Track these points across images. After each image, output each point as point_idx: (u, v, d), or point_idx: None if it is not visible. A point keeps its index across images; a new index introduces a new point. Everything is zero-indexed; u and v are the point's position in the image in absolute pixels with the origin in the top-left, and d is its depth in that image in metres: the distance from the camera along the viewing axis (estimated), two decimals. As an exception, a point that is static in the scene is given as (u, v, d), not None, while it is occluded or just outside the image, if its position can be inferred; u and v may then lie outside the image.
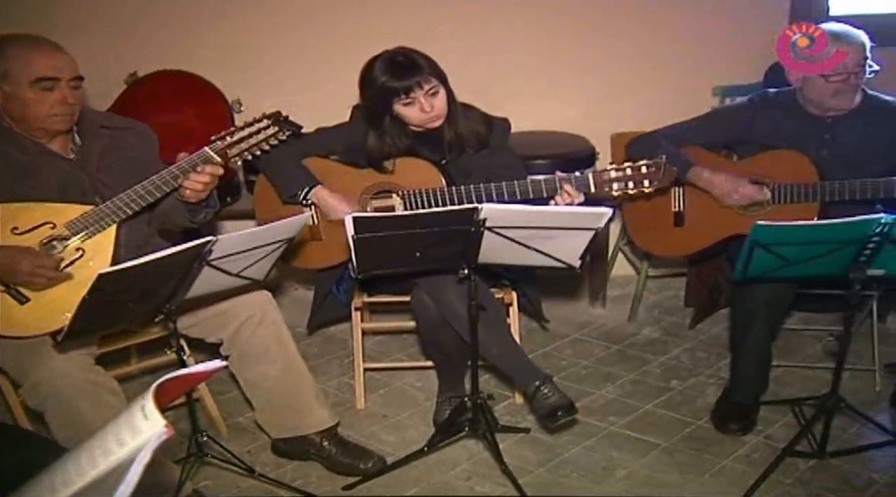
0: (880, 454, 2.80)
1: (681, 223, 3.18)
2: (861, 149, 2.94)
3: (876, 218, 2.26)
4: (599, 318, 3.93)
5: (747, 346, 2.95)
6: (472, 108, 2.95)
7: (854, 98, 2.95)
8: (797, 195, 2.92)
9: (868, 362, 3.27)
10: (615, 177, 2.65)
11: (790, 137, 2.99)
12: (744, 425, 2.96)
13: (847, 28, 2.89)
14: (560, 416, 2.63)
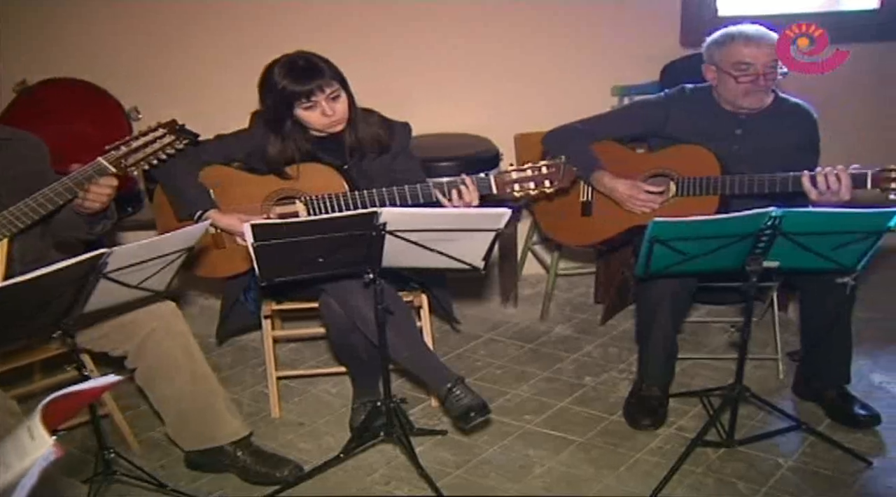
0: (785, 439, 2.87)
1: (588, 213, 3.23)
2: (768, 147, 3.01)
3: (766, 212, 2.33)
4: (512, 317, 3.94)
5: (653, 340, 3.01)
6: (372, 113, 2.94)
7: (765, 98, 3.02)
8: (699, 188, 2.98)
9: (771, 351, 3.37)
10: (516, 178, 2.68)
11: (703, 132, 3.05)
12: (655, 420, 3.00)
13: (760, 29, 2.97)
14: (473, 417, 2.63)
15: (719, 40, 3.00)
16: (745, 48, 2.92)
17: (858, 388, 3.12)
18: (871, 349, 3.48)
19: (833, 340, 2.94)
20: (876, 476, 2.68)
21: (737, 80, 2.94)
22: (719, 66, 2.98)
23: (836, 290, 2.76)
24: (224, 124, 2.96)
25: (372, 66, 3.65)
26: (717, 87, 3.04)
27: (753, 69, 2.91)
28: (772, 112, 3.04)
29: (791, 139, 3.02)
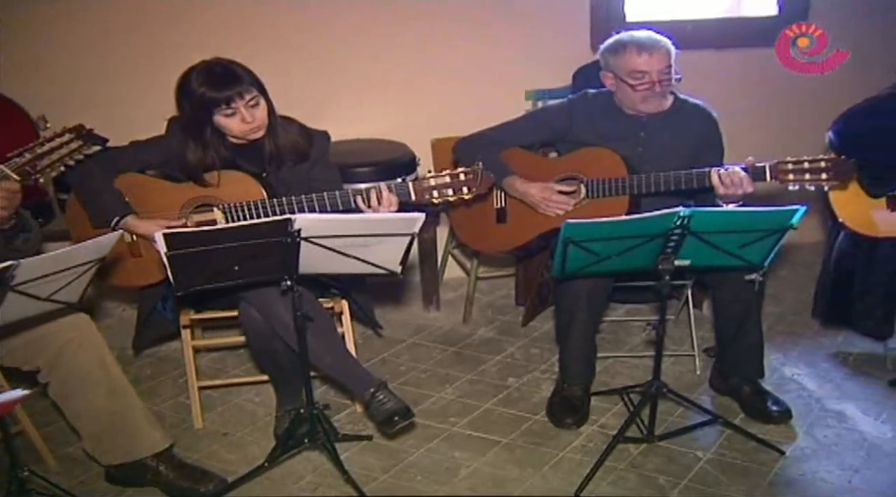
0: (703, 433, 2.94)
1: (503, 220, 3.26)
2: (672, 147, 3.09)
3: (675, 212, 2.39)
4: (435, 321, 3.96)
5: (572, 340, 3.05)
6: (291, 121, 2.93)
7: (663, 102, 3.09)
8: (609, 189, 3.03)
9: (688, 348, 3.46)
10: (435, 184, 2.70)
11: (608, 135, 3.10)
12: (577, 419, 3.04)
13: (652, 36, 3.02)
14: (397, 421, 2.63)
15: (613, 48, 3.03)
16: (639, 57, 2.96)
17: (771, 381, 3.23)
18: (782, 343, 3.60)
19: (745, 336, 3.02)
20: (789, 464, 2.77)
21: (634, 88, 2.99)
22: (616, 73, 3.03)
23: (745, 286, 2.86)
24: (136, 131, 2.91)
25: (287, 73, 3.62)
26: (617, 93, 3.09)
27: (649, 77, 2.96)
28: (672, 113, 3.11)
29: (693, 139, 3.10)
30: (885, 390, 3.19)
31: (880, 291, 3.15)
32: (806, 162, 2.77)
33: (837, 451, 2.83)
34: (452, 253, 4.09)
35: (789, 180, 2.79)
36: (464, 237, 3.44)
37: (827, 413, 3.06)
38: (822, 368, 3.39)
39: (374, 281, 3.00)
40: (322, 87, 4.02)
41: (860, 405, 3.10)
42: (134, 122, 3.01)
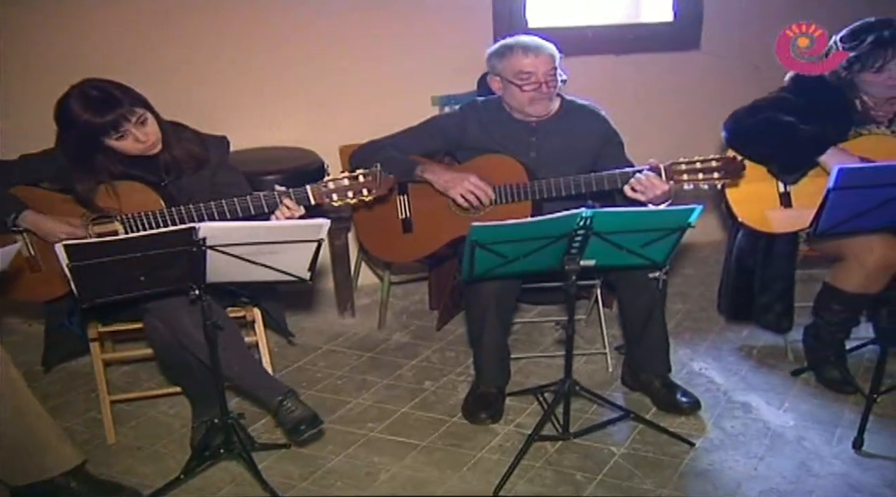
0: (616, 429, 3.01)
1: (409, 229, 3.28)
2: (565, 149, 3.15)
3: (578, 213, 2.44)
4: (350, 327, 3.96)
5: (485, 342, 3.09)
6: (184, 127, 2.89)
7: (550, 105, 3.15)
8: (512, 195, 3.07)
9: (600, 346, 3.53)
10: (334, 188, 2.71)
11: (500, 141, 3.16)
12: (492, 413, 3.09)
13: (536, 39, 3.09)
14: (304, 430, 2.63)
15: (499, 52, 3.10)
16: (525, 58, 3.03)
17: (680, 376, 3.33)
18: (690, 339, 3.71)
19: (651, 333, 3.11)
20: (698, 455, 2.86)
21: (521, 89, 3.05)
22: (503, 76, 3.09)
23: (649, 284, 2.95)
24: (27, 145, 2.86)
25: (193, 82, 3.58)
26: (505, 96, 3.15)
27: (535, 78, 3.03)
28: (561, 116, 3.18)
29: (587, 139, 3.17)
30: (787, 381, 3.32)
31: (779, 286, 3.26)
32: (698, 162, 2.86)
33: (744, 441, 2.93)
34: (365, 259, 4.09)
35: (684, 180, 2.87)
36: (371, 248, 3.45)
37: (733, 405, 3.17)
38: (728, 362, 3.50)
39: (288, 288, 2.99)
40: (228, 95, 3.99)
41: (764, 396, 3.22)
42: (19, 135, 2.93)
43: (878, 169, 2.60)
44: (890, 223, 2.72)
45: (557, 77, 3.08)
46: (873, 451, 2.83)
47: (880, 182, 2.53)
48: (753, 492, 2.66)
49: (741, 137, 3.16)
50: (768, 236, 3.22)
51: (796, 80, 3.21)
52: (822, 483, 2.68)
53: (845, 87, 3.15)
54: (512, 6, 4.25)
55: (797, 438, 2.93)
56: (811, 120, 3.12)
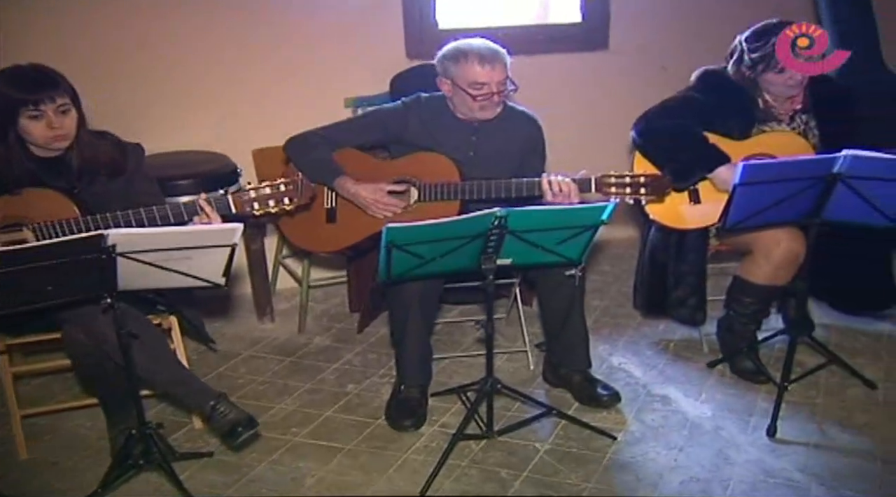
0: (540, 425, 3.04)
1: (333, 219, 3.27)
2: (501, 152, 3.19)
3: (492, 212, 2.47)
4: (270, 332, 3.92)
5: (407, 343, 3.10)
6: (104, 135, 2.84)
7: (498, 111, 3.17)
8: (441, 194, 3.09)
9: (521, 344, 3.56)
10: (255, 196, 2.68)
11: (440, 139, 3.17)
12: (415, 420, 3.09)
13: (492, 47, 3.08)
14: (241, 432, 2.60)
15: (453, 56, 3.08)
16: (481, 68, 3.02)
17: (600, 371, 3.38)
18: (608, 335, 3.78)
19: (571, 329, 3.15)
20: (621, 448, 2.91)
21: (474, 98, 3.06)
22: (454, 82, 3.09)
23: (566, 282, 2.99)
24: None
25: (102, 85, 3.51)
26: (453, 99, 3.16)
27: (488, 88, 3.04)
28: (503, 120, 3.20)
29: (520, 145, 3.21)
30: (703, 373, 3.40)
31: (691, 280, 3.34)
32: (627, 177, 2.91)
33: (664, 433, 2.99)
34: (283, 262, 4.06)
35: (612, 193, 2.92)
36: (293, 237, 3.41)
37: (653, 398, 3.24)
38: (646, 356, 3.58)
39: (206, 295, 2.95)
40: (138, 98, 3.92)
41: (682, 388, 3.30)
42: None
43: (781, 164, 2.69)
44: (794, 217, 2.81)
45: (509, 86, 3.09)
46: (786, 437, 2.92)
47: (783, 177, 2.62)
48: (675, 482, 2.72)
49: (647, 139, 3.24)
50: (680, 232, 3.30)
51: (703, 78, 3.30)
52: (738, 470, 2.76)
53: (748, 86, 3.25)
54: (422, 8, 4.28)
55: (714, 428, 3.01)
56: (718, 117, 3.21)
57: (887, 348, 3.53)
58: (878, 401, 3.14)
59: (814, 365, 3.30)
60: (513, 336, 3.69)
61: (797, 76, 3.12)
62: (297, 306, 3.96)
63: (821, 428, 2.97)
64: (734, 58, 3.25)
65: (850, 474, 2.71)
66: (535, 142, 3.25)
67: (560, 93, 4.52)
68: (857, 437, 2.91)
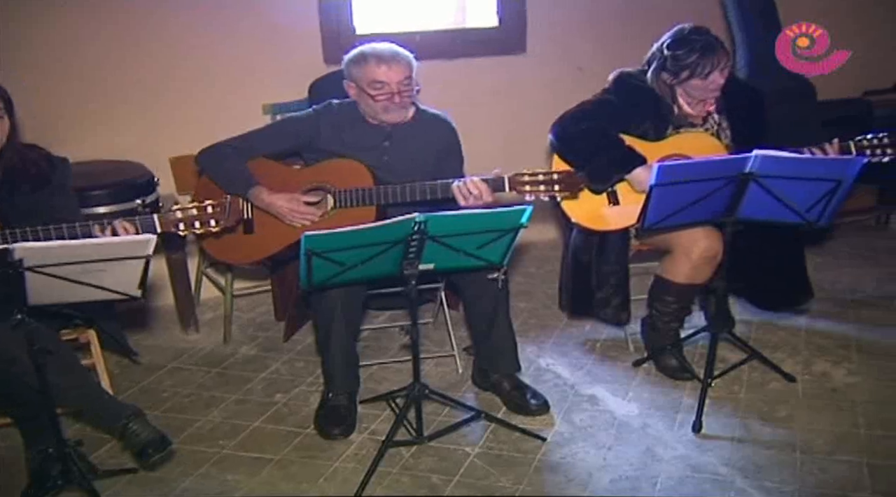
0: (470, 429, 3.05)
1: (250, 230, 3.24)
2: (415, 156, 3.20)
3: (411, 218, 2.47)
4: (195, 343, 3.86)
5: (332, 351, 3.08)
6: (33, 147, 2.79)
7: (405, 113, 3.18)
8: (356, 199, 3.08)
9: (449, 348, 3.56)
10: (181, 217, 2.65)
11: (353, 145, 3.16)
12: (344, 428, 3.07)
13: (393, 48, 3.12)
14: (152, 453, 2.57)
15: (355, 59, 3.12)
16: (379, 68, 3.06)
17: (529, 373, 3.42)
18: (536, 336, 3.81)
19: (497, 333, 3.16)
20: (550, 449, 2.93)
21: (374, 98, 3.08)
22: (357, 83, 3.12)
23: (490, 285, 3.00)
24: None
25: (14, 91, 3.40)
26: (359, 102, 3.17)
27: (388, 88, 3.07)
28: (415, 124, 3.22)
29: (435, 148, 3.23)
30: (630, 371, 3.45)
31: (614, 281, 3.38)
32: (540, 175, 2.92)
33: (592, 432, 3.02)
34: (206, 272, 4.00)
35: (526, 191, 2.93)
36: (211, 250, 3.37)
37: (581, 398, 3.27)
38: (573, 357, 3.61)
39: (127, 307, 2.89)
40: (52, 105, 3.83)
41: (609, 387, 3.34)
42: None
43: (695, 165, 2.74)
44: (710, 216, 2.87)
45: (413, 87, 3.11)
46: (711, 432, 2.98)
47: (698, 177, 2.66)
48: (604, 480, 2.75)
49: (565, 142, 3.27)
50: (601, 233, 3.34)
51: (618, 81, 3.34)
52: (665, 467, 2.80)
53: (665, 94, 3.27)
54: (339, 13, 4.26)
55: (642, 426, 3.05)
56: (633, 120, 3.26)
57: (805, 342, 3.63)
58: (797, 393, 3.22)
59: (736, 361, 3.37)
60: (441, 340, 3.69)
61: (719, 80, 3.16)
62: (222, 316, 3.90)
63: (744, 422, 3.04)
64: (654, 65, 3.25)
65: (771, 466, 2.77)
66: (451, 144, 3.26)
67: (479, 97, 4.56)
68: (778, 430, 2.98)
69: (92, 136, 3.90)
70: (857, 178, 2.66)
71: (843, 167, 2.63)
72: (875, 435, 2.92)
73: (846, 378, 3.31)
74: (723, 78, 3.16)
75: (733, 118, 3.35)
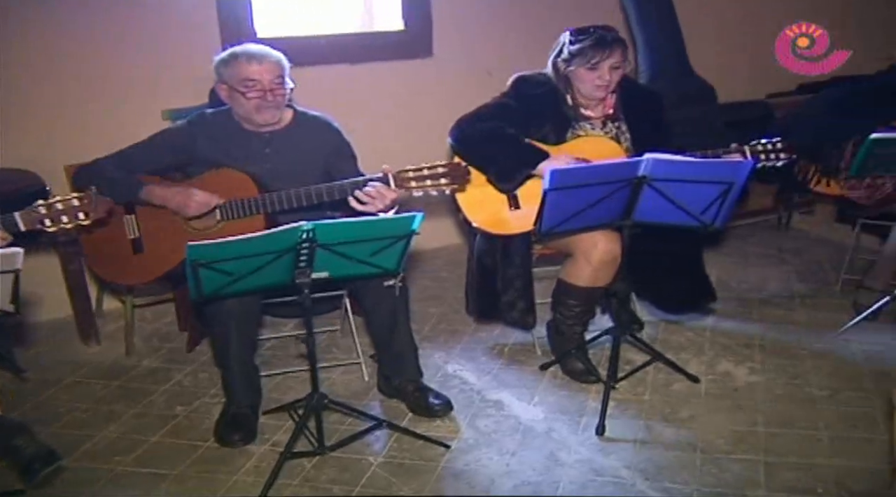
0: (374, 438, 3.01)
1: (140, 250, 3.16)
2: (301, 160, 3.14)
3: (298, 226, 2.43)
4: (96, 356, 3.75)
5: (231, 362, 3.03)
6: None
7: (278, 113, 3.13)
8: (243, 210, 3.02)
9: (355, 356, 3.52)
10: (45, 213, 2.58)
11: (233, 154, 3.11)
12: (244, 434, 3.01)
13: (263, 47, 3.09)
14: (39, 469, 2.48)
15: (225, 59, 3.07)
16: (249, 66, 3.02)
17: (436, 379, 3.39)
18: (445, 342, 3.78)
19: (398, 340, 3.14)
20: (454, 456, 2.90)
21: (245, 96, 3.03)
22: (229, 84, 3.07)
23: (387, 292, 2.98)
24: None
25: None
26: (232, 105, 3.11)
27: (260, 86, 3.03)
28: (295, 127, 3.18)
29: (321, 151, 3.18)
30: (537, 375, 3.44)
31: (519, 284, 3.37)
32: (425, 169, 2.90)
33: (496, 438, 3.00)
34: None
35: (412, 188, 2.90)
36: (102, 273, 3.28)
37: (486, 403, 3.25)
38: (481, 362, 3.59)
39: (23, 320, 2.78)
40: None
41: (515, 392, 3.32)
42: None
43: (588, 169, 2.76)
44: (606, 219, 2.88)
45: (285, 86, 3.07)
46: (614, 435, 2.98)
47: (592, 181, 2.68)
48: (507, 487, 2.73)
49: (464, 145, 3.27)
50: (504, 237, 3.33)
51: (516, 85, 3.35)
52: (568, 471, 2.79)
53: (561, 83, 3.32)
54: (239, 16, 4.19)
55: (546, 431, 3.04)
56: (533, 124, 3.27)
57: (711, 342, 3.67)
58: (700, 394, 3.24)
59: (642, 362, 3.39)
60: (348, 348, 3.64)
61: (606, 77, 3.22)
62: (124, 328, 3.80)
63: (647, 423, 3.05)
64: (555, 51, 3.33)
65: (672, 467, 2.78)
66: (338, 145, 3.22)
67: (385, 101, 4.54)
68: (680, 431, 2.99)
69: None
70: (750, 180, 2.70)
71: (733, 170, 2.67)
72: (772, 433, 2.95)
73: (748, 377, 3.35)
74: (613, 75, 3.22)
75: (632, 122, 3.38)
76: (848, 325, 3.69)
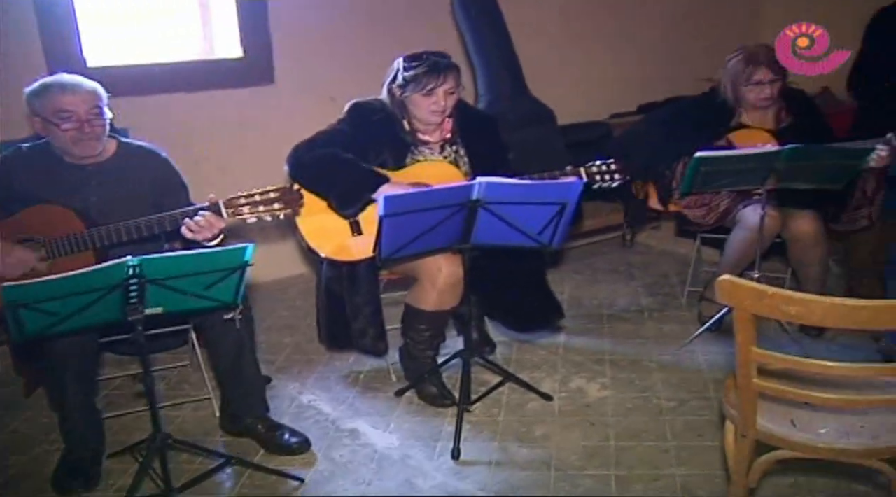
0: (226, 475, 2.94)
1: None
2: (128, 192, 3.05)
3: (124, 262, 2.34)
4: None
5: (68, 406, 2.90)
6: None
7: (99, 145, 3.02)
8: (69, 246, 2.90)
9: (206, 391, 3.41)
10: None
11: (55, 189, 2.98)
12: (85, 480, 2.89)
13: (76, 78, 2.99)
14: None
15: (38, 91, 2.96)
16: (63, 96, 2.92)
17: (290, 411, 3.35)
18: (299, 372, 3.73)
19: (243, 375, 3.07)
20: (309, 490, 2.85)
21: (60, 127, 2.93)
22: (43, 116, 2.95)
23: (229, 326, 2.91)
24: None
25: None
26: (50, 138, 3.00)
27: (76, 117, 2.93)
28: (119, 159, 3.09)
29: (148, 182, 3.10)
30: (392, 402, 3.43)
31: (367, 311, 3.35)
32: (257, 194, 2.86)
33: (352, 468, 2.97)
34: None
35: (245, 214, 2.85)
36: None
37: (341, 433, 3.21)
38: (336, 391, 3.55)
39: None
40: None
41: (370, 420, 3.30)
42: None
43: (422, 195, 2.76)
44: (446, 243, 2.90)
45: (103, 116, 2.97)
46: (469, 458, 2.99)
47: (426, 206, 2.69)
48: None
49: (300, 171, 3.24)
50: (350, 264, 3.31)
51: (352, 111, 3.35)
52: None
53: (397, 109, 3.34)
54: (65, 44, 4.01)
55: (402, 457, 3.02)
56: (371, 150, 3.28)
57: (563, 359, 3.73)
58: (553, 412, 3.29)
59: (495, 383, 3.42)
60: (198, 383, 3.53)
61: (441, 102, 3.26)
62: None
63: (502, 444, 3.06)
64: (389, 77, 3.35)
65: (527, 486, 2.81)
66: (166, 175, 3.15)
67: (225, 129, 4.46)
68: (534, 450, 3.03)
69: None
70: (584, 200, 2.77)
71: (563, 190, 2.73)
72: (622, 446, 3.02)
73: (599, 393, 3.42)
74: (448, 100, 3.27)
75: (469, 145, 3.42)
76: (693, 336, 3.82)
